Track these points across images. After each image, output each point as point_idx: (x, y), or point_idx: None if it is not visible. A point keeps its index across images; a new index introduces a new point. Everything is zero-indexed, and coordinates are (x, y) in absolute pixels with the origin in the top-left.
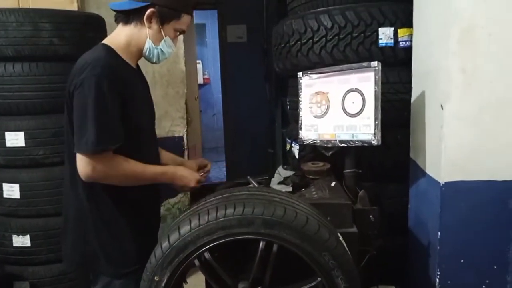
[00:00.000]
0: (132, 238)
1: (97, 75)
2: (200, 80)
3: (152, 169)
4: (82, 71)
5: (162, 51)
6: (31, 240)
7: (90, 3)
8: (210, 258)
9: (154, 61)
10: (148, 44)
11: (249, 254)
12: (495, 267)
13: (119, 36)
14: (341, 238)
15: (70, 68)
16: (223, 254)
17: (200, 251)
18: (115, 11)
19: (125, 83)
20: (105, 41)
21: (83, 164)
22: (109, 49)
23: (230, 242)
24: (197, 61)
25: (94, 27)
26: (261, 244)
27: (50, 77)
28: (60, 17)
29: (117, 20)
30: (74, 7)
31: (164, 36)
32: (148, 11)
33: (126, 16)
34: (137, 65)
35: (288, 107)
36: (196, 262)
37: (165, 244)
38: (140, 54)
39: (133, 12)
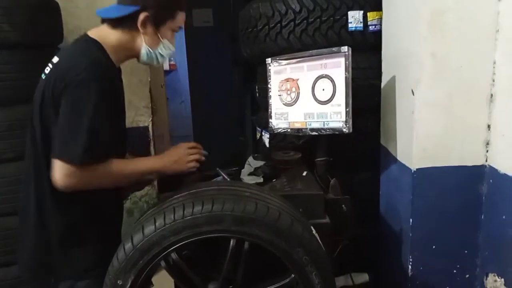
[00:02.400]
0: (97, 239)
1: (98, 81)
2: (166, 67)
3: (139, 168)
4: (79, 70)
5: (161, 54)
6: None
7: None
8: (177, 259)
9: (154, 64)
10: (145, 49)
11: (220, 251)
12: (466, 251)
13: (108, 37)
14: (314, 232)
15: (22, 56)
16: (192, 252)
17: (166, 252)
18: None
19: (115, 89)
20: (94, 37)
21: (64, 173)
22: (103, 50)
23: (199, 240)
24: None
25: (48, 12)
26: (232, 242)
27: (1, 66)
28: (8, 2)
29: (104, 22)
30: None
31: (161, 39)
32: (141, 16)
33: (115, 22)
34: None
35: (257, 94)
36: (163, 263)
37: (128, 246)
38: (127, 57)
39: (124, 18)
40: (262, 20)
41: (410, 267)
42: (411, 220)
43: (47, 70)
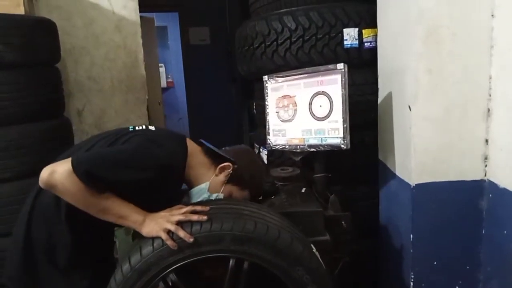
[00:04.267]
0: (93, 258)
1: (159, 166)
2: (164, 84)
3: (119, 210)
4: (159, 147)
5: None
6: None
7: (41, 7)
8: (176, 280)
9: (193, 200)
10: (204, 185)
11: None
12: (468, 267)
13: (193, 156)
14: (314, 250)
15: (18, 76)
16: (192, 271)
17: (164, 273)
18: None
19: (165, 187)
20: (189, 147)
21: (59, 170)
22: (185, 158)
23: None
24: (160, 65)
25: (45, 32)
26: (231, 261)
27: None
28: (5, 22)
29: (202, 146)
30: (21, 10)
31: (220, 191)
32: (226, 163)
33: (209, 151)
34: None
35: (254, 111)
36: (161, 284)
37: (125, 267)
38: (186, 179)
39: (218, 155)
40: (258, 38)
41: (411, 283)
42: (411, 235)
43: (138, 127)
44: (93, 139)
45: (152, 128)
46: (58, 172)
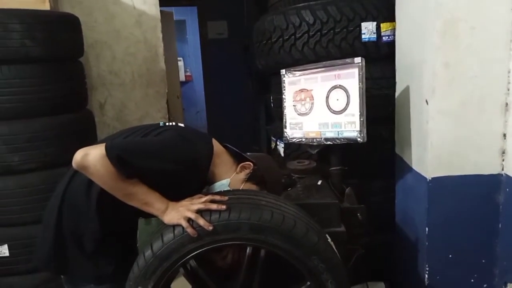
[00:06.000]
0: (119, 246)
1: (188, 154)
2: (182, 78)
3: (145, 196)
4: (189, 143)
5: None
6: (9, 249)
7: (63, 2)
8: (195, 266)
9: None
10: (226, 181)
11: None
12: (483, 261)
13: (219, 155)
14: (330, 240)
15: (43, 70)
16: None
17: (184, 259)
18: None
19: (186, 178)
20: (215, 146)
21: (93, 151)
22: (210, 157)
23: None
24: (178, 59)
25: (69, 27)
26: (248, 249)
27: (23, 80)
28: (31, 18)
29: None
30: (46, 6)
31: (240, 188)
32: (247, 163)
33: (235, 152)
34: None
35: (272, 104)
36: (181, 270)
37: (148, 253)
38: (210, 176)
39: (240, 155)
40: (276, 32)
41: (426, 276)
42: (427, 229)
43: (168, 123)
44: (126, 132)
45: (181, 125)
46: (91, 155)
